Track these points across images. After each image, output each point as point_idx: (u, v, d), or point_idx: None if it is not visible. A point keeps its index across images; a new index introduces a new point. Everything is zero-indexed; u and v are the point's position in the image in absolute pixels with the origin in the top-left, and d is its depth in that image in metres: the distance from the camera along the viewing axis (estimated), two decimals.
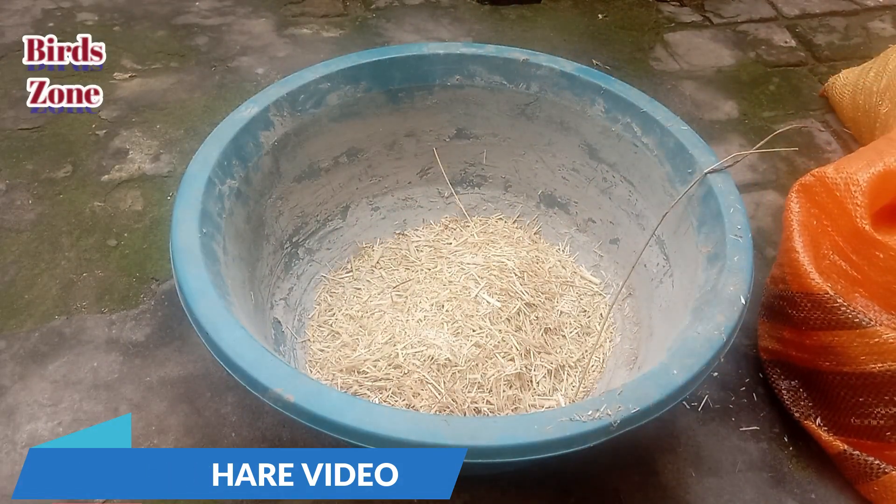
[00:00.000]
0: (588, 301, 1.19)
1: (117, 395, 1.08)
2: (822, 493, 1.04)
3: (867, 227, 1.00)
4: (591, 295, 1.20)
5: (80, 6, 1.84)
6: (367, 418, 0.70)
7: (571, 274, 1.23)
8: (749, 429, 1.10)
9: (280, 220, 1.13)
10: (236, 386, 0.76)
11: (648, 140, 1.10)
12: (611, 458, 1.03)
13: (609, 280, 1.21)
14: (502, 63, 1.17)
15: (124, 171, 1.43)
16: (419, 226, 1.30)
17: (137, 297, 1.21)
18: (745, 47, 1.92)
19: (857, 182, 1.02)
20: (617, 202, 1.19)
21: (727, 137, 1.63)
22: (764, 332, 1.17)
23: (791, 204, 1.09)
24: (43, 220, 1.32)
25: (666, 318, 0.99)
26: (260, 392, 0.73)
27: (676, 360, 0.78)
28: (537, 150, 1.25)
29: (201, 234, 0.87)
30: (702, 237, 0.97)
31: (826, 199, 1.06)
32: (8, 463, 0.99)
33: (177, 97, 1.61)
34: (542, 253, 1.25)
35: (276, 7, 1.92)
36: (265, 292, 1.07)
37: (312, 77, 1.10)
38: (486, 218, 1.31)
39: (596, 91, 1.14)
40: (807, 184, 1.09)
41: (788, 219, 1.08)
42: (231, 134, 1.00)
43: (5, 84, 1.59)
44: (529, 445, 0.70)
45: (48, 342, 1.13)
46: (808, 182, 1.09)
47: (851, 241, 1.03)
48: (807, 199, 1.09)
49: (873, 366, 0.96)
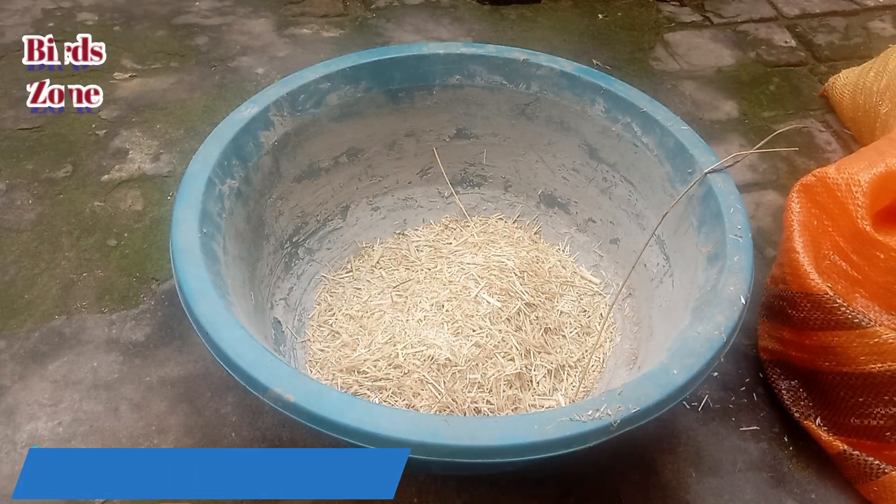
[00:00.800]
0: (588, 301, 1.19)
1: (117, 394, 1.08)
2: (822, 493, 1.04)
3: (868, 228, 1.00)
4: (591, 295, 1.20)
5: (80, 6, 1.84)
6: (367, 418, 0.70)
7: (571, 274, 1.23)
8: (749, 429, 1.10)
9: (280, 220, 1.13)
10: (236, 386, 0.76)
11: (648, 140, 1.10)
12: (611, 458, 1.03)
13: (609, 280, 1.21)
14: (502, 63, 1.17)
15: (124, 170, 1.43)
16: (419, 226, 1.30)
17: (137, 297, 1.21)
18: (745, 47, 1.92)
19: (859, 182, 1.02)
20: (617, 202, 1.19)
21: (727, 137, 1.63)
22: (764, 332, 1.17)
23: (792, 204, 1.09)
24: (43, 220, 1.32)
25: (666, 318, 0.99)
26: (260, 392, 0.73)
27: (676, 360, 0.78)
28: (537, 149, 1.25)
29: (201, 233, 0.87)
30: (702, 237, 0.97)
31: (827, 200, 1.06)
32: (8, 463, 0.99)
33: (177, 97, 1.61)
34: (542, 253, 1.25)
35: (276, 7, 1.92)
36: (265, 292, 1.07)
37: (312, 77, 1.10)
38: (486, 218, 1.31)
39: (596, 91, 1.14)
40: (808, 184, 1.09)
41: (789, 219, 1.08)
42: (231, 134, 1.00)
43: (5, 84, 1.59)
44: (529, 445, 0.70)
45: (48, 342, 1.13)
46: (810, 182, 1.09)
47: (852, 242, 1.03)
48: (808, 199, 1.09)
49: (873, 366, 0.97)
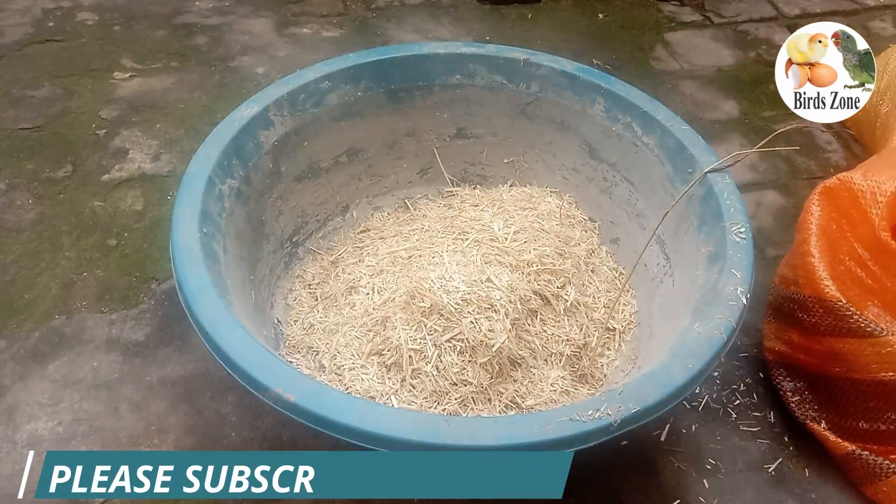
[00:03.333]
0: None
1: (117, 394, 1.08)
2: (822, 492, 1.04)
3: (887, 238, 0.99)
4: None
5: (80, 6, 1.84)
6: (367, 418, 0.70)
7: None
8: (749, 429, 1.10)
9: (280, 220, 1.13)
10: (236, 386, 0.76)
11: (649, 140, 1.10)
12: (611, 458, 1.03)
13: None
14: (503, 62, 1.17)
15: (124, 170, 1.43)
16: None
17: (137, 297, 1.21)
18: (745, 47, 1.92)
19: (885, 192, 1.01)
20: (617, 202, 1.19)
21: (727, 137, 1.63)
22: (770, 333, 1.16)
23: (812, 206, 1.06)
24: (43, 220, 1.32)
25: (666, 318, 0.99)
26: (260, 392, 0.73)
27: (676, 360, 0.78)
28: (537, 149, 1.25)
29: (201, 233, 0.87)
30: (702, 237, 0.97)
31: (849, 205, 1.04)
32: (8, 462, 0.99)
33: (177, 97, 1.61)
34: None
35: (277, 7, 1.92)
36: (265, 292, 1.07)
37: (312, 76, 1.10)
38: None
39: (596, 91, 1.14)
40: (831, 187, 1.07)
41: (807, 221, 1.06)
42: (231, 133, 1.00)
43: (5, 84, 1.59)
44: (529, 445, 0.70)
45: (48, 342, 1.13)
46: (833, 185, 1.07)
47: (870, 250, 1.02)
48: (829, 202, 1.06)
49: (885, 374, 0.96)
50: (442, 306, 0.97)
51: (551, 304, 1.05)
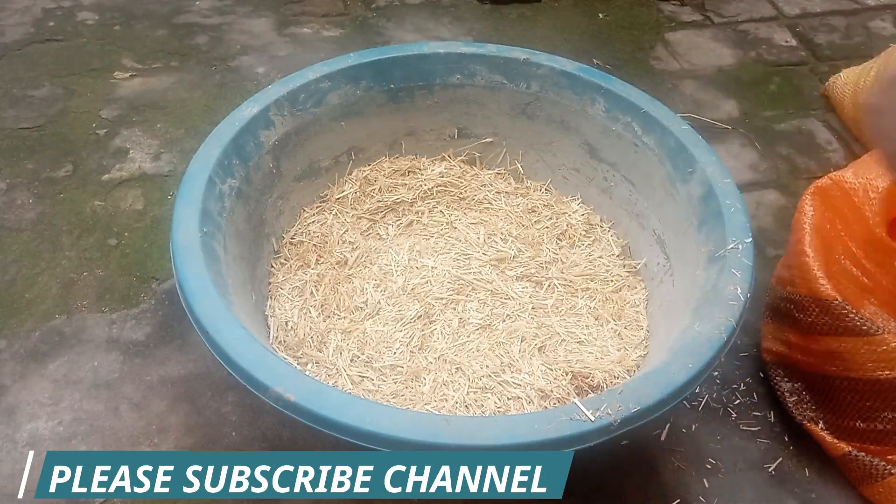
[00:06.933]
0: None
1: (118, 394, 1.08)
2: (822, 492, 1.04)
3: (883, 235, 0.99)
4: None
5: (80, 5, 1.84)
6: (367, 417, 0.70)
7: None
8: (749, 429, 1.10)
9: (280, 220, 1.13)
10: (237, 385, 0.76)
11: (649, 139, 1.10)
12: (611, 458, 1.03)
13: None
14: (503, 62, 1.17)
15: (125, 170, 1.43)
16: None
17: (138, 297, 1.21)
18: (745, 47, 1.92)
19: (877, 188, 1.01)
20: (617, 202, 1.19)
21: (728, 137, 1.63)
22: (768, 334, 1.16)
23: (805, 206, 1.07)
24: (43, 220, 1.32)
25: (666, 318, 0.99)
26: (260, 391, 0.73)
27: (676, 360, 0.78)
28: (538, 149, 1.25)
29: (202, 233, 0.87)
30: (702, 237, 0.97)
31: (842, 203, 1.04)
32: (8, 462, 0.99)
33: (177, 96, 1.61)
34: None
35: (277, 6, 1.92)
36: (265, 291, 1.07)
37: (313, 76, 1.10)
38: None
39: (596, 90, 1.14)
40: (823, 186, 1.07)
41: (801, 221, 1.06)
42: (232, 133, 1.00)
43: (5, 84, 1.59)
44: (529, 445, 0.70)
45: (48, 341, 1.13)
46: (825, 185, 1.06)
47: (865, 248, 1.02)
48: (822, 201, 1.06)
49: (881, 373, 0.96)
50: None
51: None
